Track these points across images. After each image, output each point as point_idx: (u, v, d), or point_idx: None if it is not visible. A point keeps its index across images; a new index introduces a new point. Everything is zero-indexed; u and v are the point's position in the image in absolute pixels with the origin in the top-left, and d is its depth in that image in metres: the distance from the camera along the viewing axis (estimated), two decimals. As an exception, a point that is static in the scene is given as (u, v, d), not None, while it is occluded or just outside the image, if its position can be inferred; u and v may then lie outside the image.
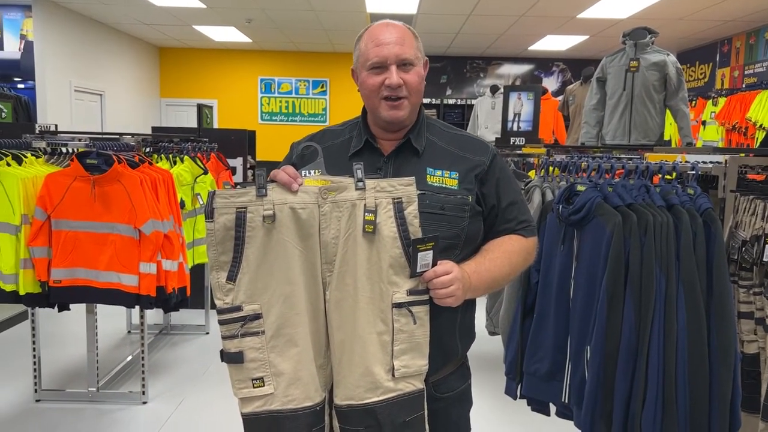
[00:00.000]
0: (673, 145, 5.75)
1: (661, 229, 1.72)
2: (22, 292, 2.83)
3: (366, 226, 1.25)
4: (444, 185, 1.37)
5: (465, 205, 1.36)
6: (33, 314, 3.34)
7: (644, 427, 1.72)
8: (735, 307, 1.88)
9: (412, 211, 1.28)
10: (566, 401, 1.97)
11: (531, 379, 2.07)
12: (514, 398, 2.18)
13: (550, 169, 2.55)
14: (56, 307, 3.06)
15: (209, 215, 1.24)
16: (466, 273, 1.31)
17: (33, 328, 3.38)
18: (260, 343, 1.27)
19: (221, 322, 1.26)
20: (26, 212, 2.84)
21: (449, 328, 1.41)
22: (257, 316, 1.26)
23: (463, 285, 1.29)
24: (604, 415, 1.79)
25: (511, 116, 5.69)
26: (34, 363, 3.37)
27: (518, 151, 4.58)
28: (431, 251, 1.25)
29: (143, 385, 3.40)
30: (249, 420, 1.29)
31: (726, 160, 1.91)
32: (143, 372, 3.40)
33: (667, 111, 4.24)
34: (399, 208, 1.27)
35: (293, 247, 1.26)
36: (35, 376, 3.38)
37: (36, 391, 3.39)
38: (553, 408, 2.10)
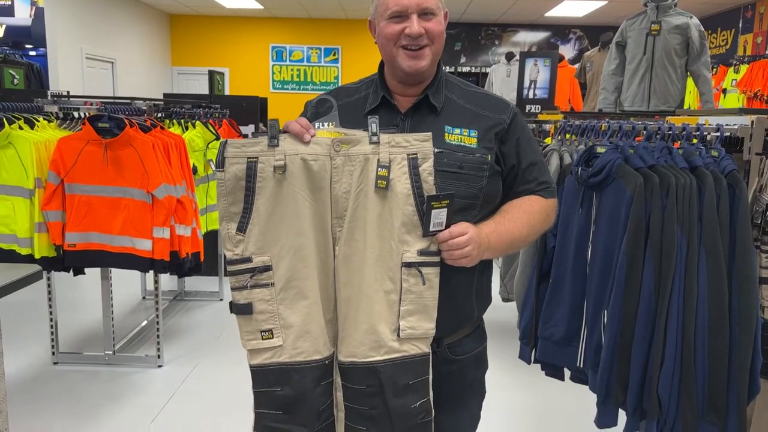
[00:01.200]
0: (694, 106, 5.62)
1: (684, 191, 1.68)
2: (37, 256, 2.85)
3: (378, 181, 1.22)
4: (462, 143, 1.33)
5: (484, 164, 1.32)
6: (49, 279, 3.37)
7: (661, 392, 1.70)
8: (757, 273, 1.84)
9: (427, 167, 1.24)
10: (581, 366, 1.96)
11: (545, 343, 2.06)
12: (528, 363, 2.17)
13: (567, 135, 2.49)
14: (72, 271, 3.09)
15: (220, 164, 1.22)
16: (484, 233, 1.28)
17: (49, 293, 3.41)
18: (269, 295, 1.25)
19: (230, 273, 1.25)
20: (39, 176, 2.83)
21: (466, 290, 1.39)
22: (267, 268, 1.25)
23: (479, 245, 1.26)
24: (620, 379, 1.77)
25: (526, 83, 5.58)
26: (51, 326, 3.41)
27: (533, 119, 4.51)
28: (445, 209, 1.22)
29: (158, 349, 3.44)
30: (257, 371, 1.28)
31: (753, 121, 1.85)
32: (158, 337, 3.43)
33: (688, 77, 4.13)
34: (414, 164, 1.24)
35: (304, 199, 1.24)
36: (52, 340, 3.43)
37: (54, 353, 3.44)
38: (567, 373, 2.09)
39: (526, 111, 5.01)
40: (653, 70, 4.01)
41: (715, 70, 6.98)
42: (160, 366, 3.43)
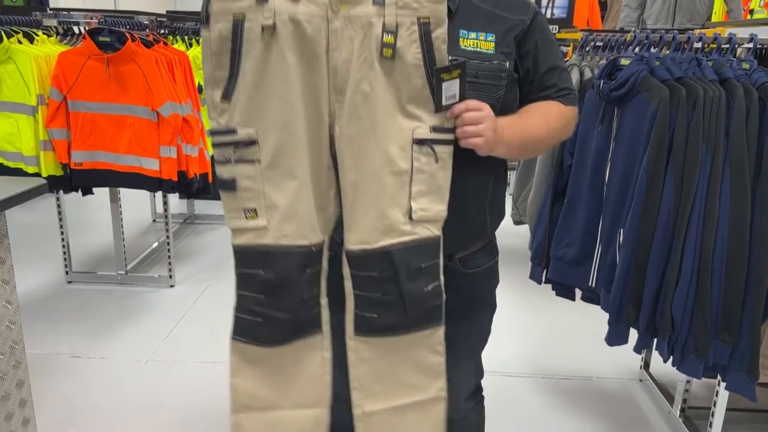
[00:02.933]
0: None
1: (712, 105, 1.60)
2: (44, 174, 2.82)
3: (384, 49, 1.10)
4: (479, 49, 1.22)
5: (502, 72, 1.23)
6: (59, 200, 3.36)
7: (675, 311, 1.69)
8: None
9: (440, 34, 1.12)
10: (593, 285, 1.94)
11: (558, 263, 2.03)
12: (539, 283, 2.16)
13: (588, 57, 2.38)
14: (80, 191, 3.07)
15: (205, 20, 1.10)
16: (500, 123, 1.18)
17: (59, 214, 3.42)
18: (254, 172, 1.16)
19: (215, 145, 1.16)
20: (42, 92, 2.77)
21: (480, 203, 1.33)
22: (252, 142, 1.15)
23: (494, 129, 1.16)
24: (633, 297, 1.75)
25: (545, 2, 5.36)
26: (63, 247, 3.44)
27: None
28: (457, 80, 1.11)
29: (170, 270, 3.47)
30: (240, 252, 1.21)
31: (789, 31, 1.74)
32: (169, 258, 3.46)
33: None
34: (425, 29, 1.11)
35: (295, 67, 1.12)
36: (65, 260, 3.46)
37: (67, 273, 3.49)
38: (578, 293, 2.08)
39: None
40: (680, -16, 3.80)
41: (743, -11, 6.64)
42: (171, 286, 3.47)
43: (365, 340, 1.26)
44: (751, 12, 6.66)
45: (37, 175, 2.82)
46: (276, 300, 1.21)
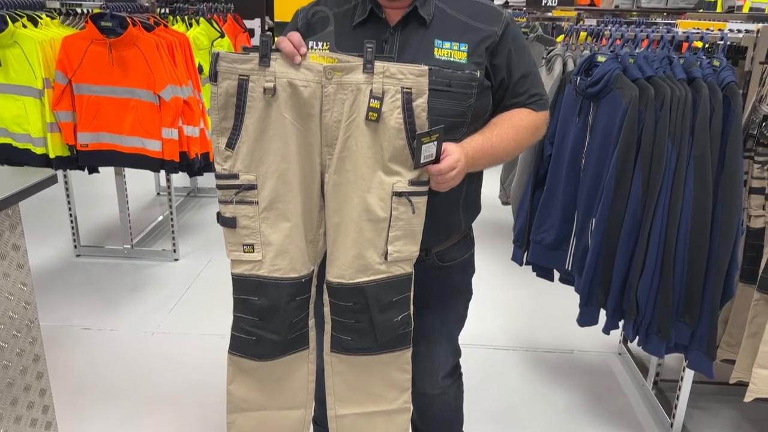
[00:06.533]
0: (718, 8, 5.37)
1: (678, 104, 1.69)
2: (52, 155, 2.94)
3: (369, 113, 1.21)
4: (452, 59, 1.30)
5: (473, 81, 1.31)
6: (65, 175, 3.48)
7: (640, 295, 1.81)
8: (747, 183, 1.88)
9: (420, 103, 1.23)
10: (569, 269, 2.06)
11: (537, 247, 2.15)
12: (520, 265, 2.28)
13: (582, 35, 2.44)
14: (86, 170, 3.19)
15: (213, 78, 1.22)
16: (470, 153, 1.29)
17: (66, 189, 3.54)
18: (253, 213, 1.30)
19: (219, 187, 1.29)
20: (47, 76, 2.86)
21: (453, 203, 1.42)
22: (252, 187, 1.28)
23: (465, 168, 1.28)
24: (602, 282, 1.88)
25: (545, -25, 5.32)
26: (71, 221, 3.58)
27: (548, 14, 4.35)
28: (435, 143, 1.22)
29: (173, 244, 3.61)
30: (238, 280, 1.36)
31: (758, 30, 1.81)
32: (173, 232, 3.59)
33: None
34: (407, 98, 1.22)
35: (292, 124, 1.25)
36: (73, 234, 3.60)
37: (75, 246, 3.64)
38: (556, 275, 2.21)
39: (543, 3, 4.82)
40: (675, -37, 3.81)
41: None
42: (176, 260, 3.62)
43: (340, 357, 1.43)
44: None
45: (45, 156, 2.94)
46: (268, 323, 1.37)
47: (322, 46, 1.24)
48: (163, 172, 4.04)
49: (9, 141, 2.94)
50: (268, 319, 1.37)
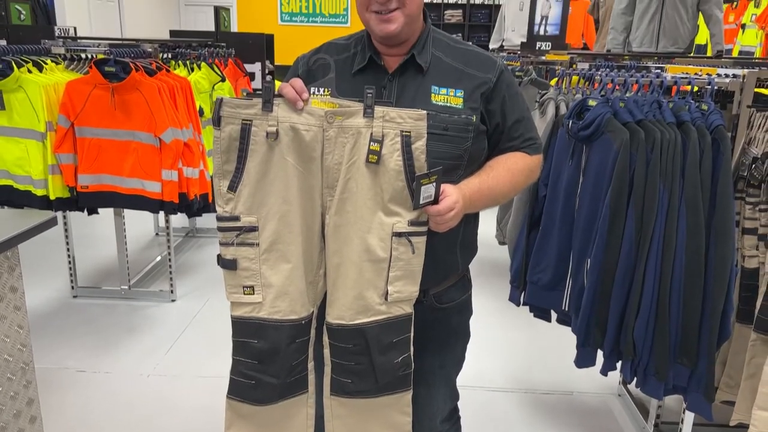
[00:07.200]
0: (708, 52, 5.51)
1: (668, 147, 1.73)
2: (52, 197, 2.96)
3: (370, 155, 1.25)
4: (449, 104, 1.35)
5: (469, 125, 1.35)
6: (65, 216, 3.50)
7: (636, 335, 1.82)
8: (739, 224, 1.90)
9: (419, 146, 1.26)
10: (566, 309, 2.07)
11: (534, 287, 2.16)
12: (518, 305, 2.28)
13: (575, 79, 2.50)
14: (86, 211, 3.21)
15: (216, 122, 1.25)
16: (467, 194, 1.32)
17: (66, 230, 3.56)
18: (254, 255, 1.31)
19: (220, 229, 1.31)
20: (50, 119, 2.91)
21: (450, 244, 1.45)
22: (253, 229, 1.30)
23: (463, 210, 1.31)
24: (599, 323, 1.88)
25: (538, 19, 5.46)
26: (69, 262, 3.58)
27: (542, 58, 4.45)
28: (434, 184, 1.25)
29: (171, 285, 3.61)
30: (237, 322, 1.36)
31: (744, 75, 1.86)
32: (170, 273, 3.59)
33: (699, 17, 4.04)
34: (407, 141, 1.26)
35: (293, 167, 1.27)
36: (71, 274, 3.60)
37: (73, 287, 3.63)
38: (553, 315, 2.21)
39: (537, 48, 4.94)
40: (664, 9, 3.93)
41: (735, 3, 6.75)
42: (173, 300, 3.61)
43: (339, 400, 1.43)
44: (743, 26, 6.77)
45: (46, 197, 2.96)
46: (268, 366, 1.37)
47: (324, 91, 1.28)
48: (162, 213, 4.08)
49: (10, 183, 2.98)
50: (268, 363, 1.36)
